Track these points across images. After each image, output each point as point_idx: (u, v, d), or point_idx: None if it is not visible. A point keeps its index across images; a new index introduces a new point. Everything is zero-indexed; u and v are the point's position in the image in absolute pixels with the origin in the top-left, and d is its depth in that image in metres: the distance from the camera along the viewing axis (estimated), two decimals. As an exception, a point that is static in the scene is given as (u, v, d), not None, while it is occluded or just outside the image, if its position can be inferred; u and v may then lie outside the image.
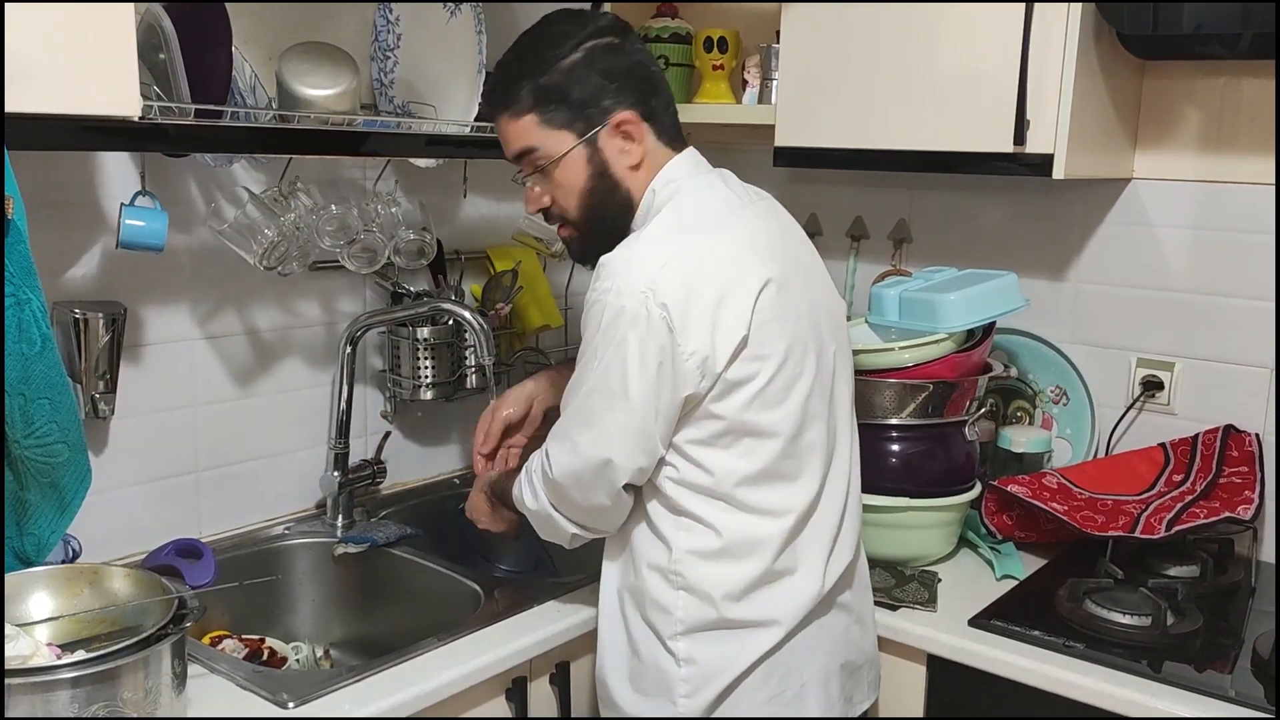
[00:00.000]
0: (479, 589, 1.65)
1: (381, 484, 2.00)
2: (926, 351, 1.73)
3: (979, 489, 1.81)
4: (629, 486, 1.35)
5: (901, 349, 1.73)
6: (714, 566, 1.34)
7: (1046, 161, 1.68)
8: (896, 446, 1.73)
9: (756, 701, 1.36)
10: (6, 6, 1.11)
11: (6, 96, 1.12)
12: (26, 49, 1.13)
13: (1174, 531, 1.68)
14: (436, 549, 1.82)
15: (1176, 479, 1.85)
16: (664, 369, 1.28)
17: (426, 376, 1.95)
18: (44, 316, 1.29)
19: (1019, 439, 1.97)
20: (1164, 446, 1.90)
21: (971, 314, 1.75)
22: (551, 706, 1.55)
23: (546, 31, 1.39)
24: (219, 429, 1.79)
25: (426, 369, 1.95)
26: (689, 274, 1.28)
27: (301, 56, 1.64)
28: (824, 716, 1.41)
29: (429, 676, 1.37)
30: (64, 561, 1.48)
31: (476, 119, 1.82)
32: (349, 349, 1.88)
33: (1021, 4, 1.64)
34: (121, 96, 1.22)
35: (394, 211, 1.84)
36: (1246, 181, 1.83)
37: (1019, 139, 1.68)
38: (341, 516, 1.89)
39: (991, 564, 1.77)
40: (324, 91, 1.62)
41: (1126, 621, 1.55)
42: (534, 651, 1.49)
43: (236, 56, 1.56)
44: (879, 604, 1.59)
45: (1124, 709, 1.41)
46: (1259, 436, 1.84)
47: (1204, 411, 1.89)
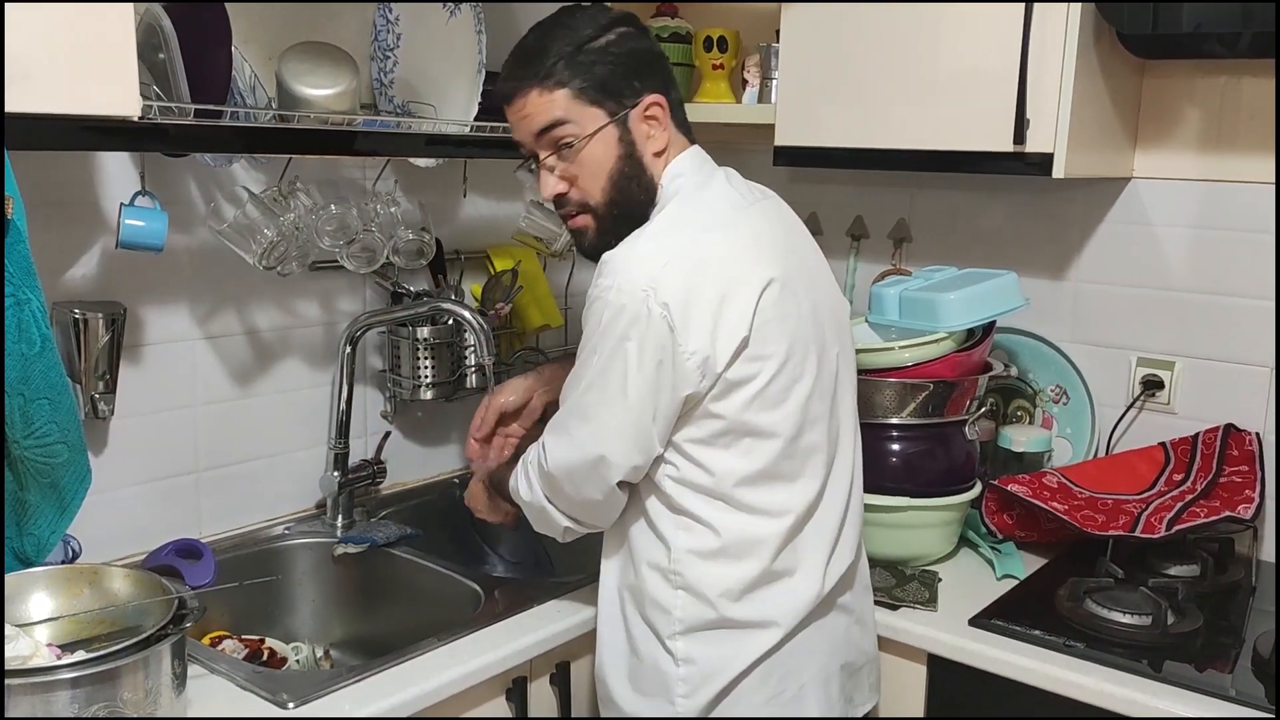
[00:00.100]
0: (479, 589, 1.65)
1: (381, 484, 2.00)
2: (926, 351, 1.73)
3: (979, 488, 1.81)
4: (623, 484, 1.35)
5: (901, 348, 1.73)
6: (713, 566, 1.34)
7: (1046, 161, 1.68)
8: (897, 446, 1.73)
9: (755, 702, 1.36)
10: (6, 6, 1.11)
11: (6, 96, 1.12)
12: (26, 49, 1.13)
13: (1174, 531, 1.68)
14: (436, 549, 1.82)
15: (1177, 478, 1.85)
16: (663, 368, 1.27)
17: (426, 376, 1.95)
18: (44, 316, 1.29)
19: (1019, 438, 1.97)
20: (1164, 446, 1.90)
21: (971, 313, 1.76)
22: (552, 706, 1.55)
23: (572, 16, 1.38)
24: (219, 429, 1.79)
25: (426, 369, 1.95)
26: (691, 273, 1.28)
27: (301, 56, 1.64)
28: (824, 717, 1.41)
29: (429, 677, 1.37)
30: (64, 562, 1.48)
31: (477, 117, 1.82)
32: (349, 349, 1.88)
33: (1021, 3, 1.64)
34: (121, 96, 1.22)
35: (393, 211, 1.84)
36: (1246, 180, 1.83)
37: (1019, 138, 1.68)
38: (341, 516, 1.89)
39: (992, 563, 1.77)
40: (324, 91, 1.62)
41: (1127, 621, 1.55)
42: (534, 651, 1.49)
43: (236, 56, 1.56)
44: (879, 604, 1.59)
45: (1124, 708, 1.41)
46: (1259, 435, 1.83)
47: (1204, 411, 1.89)
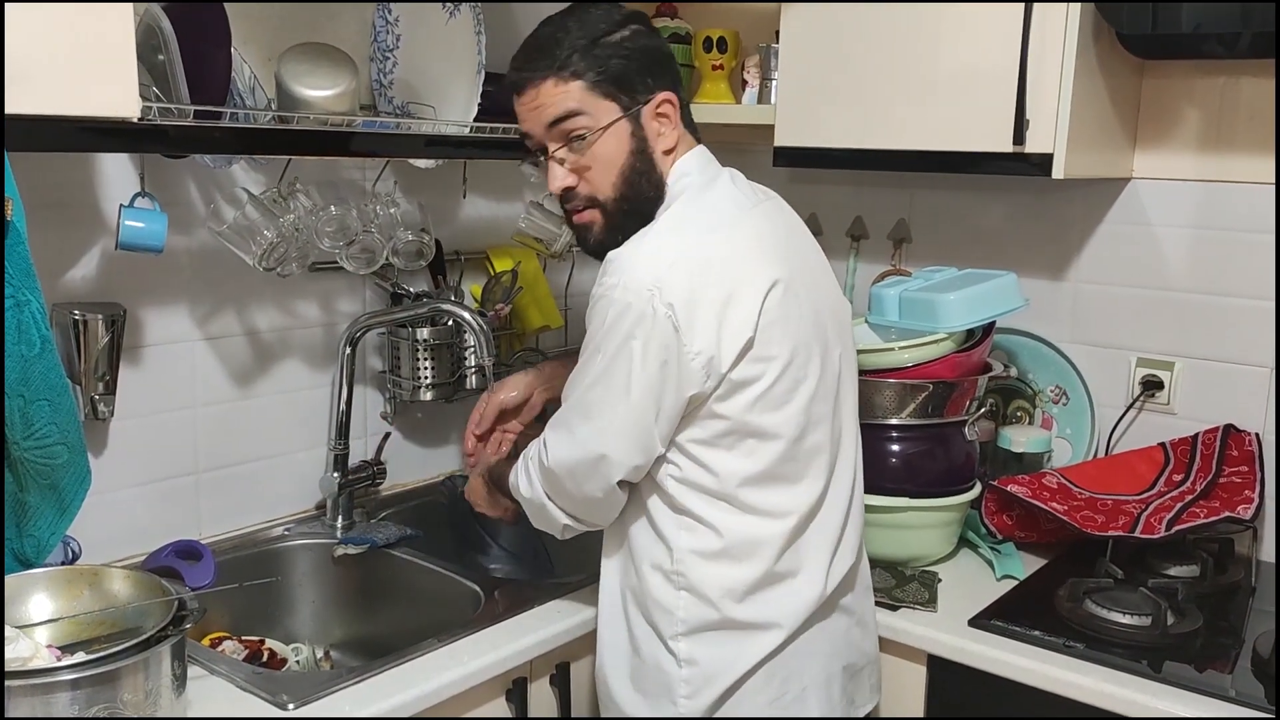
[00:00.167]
0: (479, 590, 1.65)
1: (381, 485, 2.00)
2: (926, 351, 1.73)
3: (979, 489, 1.81)
4: (624, 483, 1.35)
5: (901, 349, 1.73)
6: (715, 567, 1.34)
7: (1046, 161, 1.68)
8: (896, 446, 1.73)
9: (758, 703, 1.36)
10: (6, 7, 1.11)
11: (6, 97, 1.11)
12: (26, 50, 1.12)
13: (1174, 531, 1.68)
14: (436, 550, 1.82)
15: (1176, 479, 1.85)
16: (667, 368, 1.27)
17: (426, 377, 1.95)
18: (43, 318, 1.29)
19: (1019, 439, 1.97)
20: (1164, 446, 1.90)
21: (971, 314, 1.76)
22: (552, 707, 1.55)
23: (587, 12, 1.37)
24: (218, 430, 1.79)
25: (426, 370, 1.95)
26: (696, 273, 1.28)
27: (300, 57, 1.64)
28: (827, 718, 1.41)
29: (429, 677, 1.37)
30: (64, 563, 1.48)
31: (477, 118, 1.82)
32: (349, 350, 1.88)
33: (1021, 4, 1.64)
34: (121, 97, 1.22)
35: (393, 212, 1.84)
36: (1246, 181, 1.83)
37: (1018, 139, 1.68)
38: (341, 517, 1.88)
39: (991, 564, 1.77)
40: (323, 92, 1.62)
41: (1126, 621, 1.55)
42: (534, 652, 1.49)
43: (235, 57, 1.56)
44: (879, 604, 1.59)
45: (1124, 709, 1.41)
46: (1259, 436, 1.83)
47: (1204, 411, 1.89)
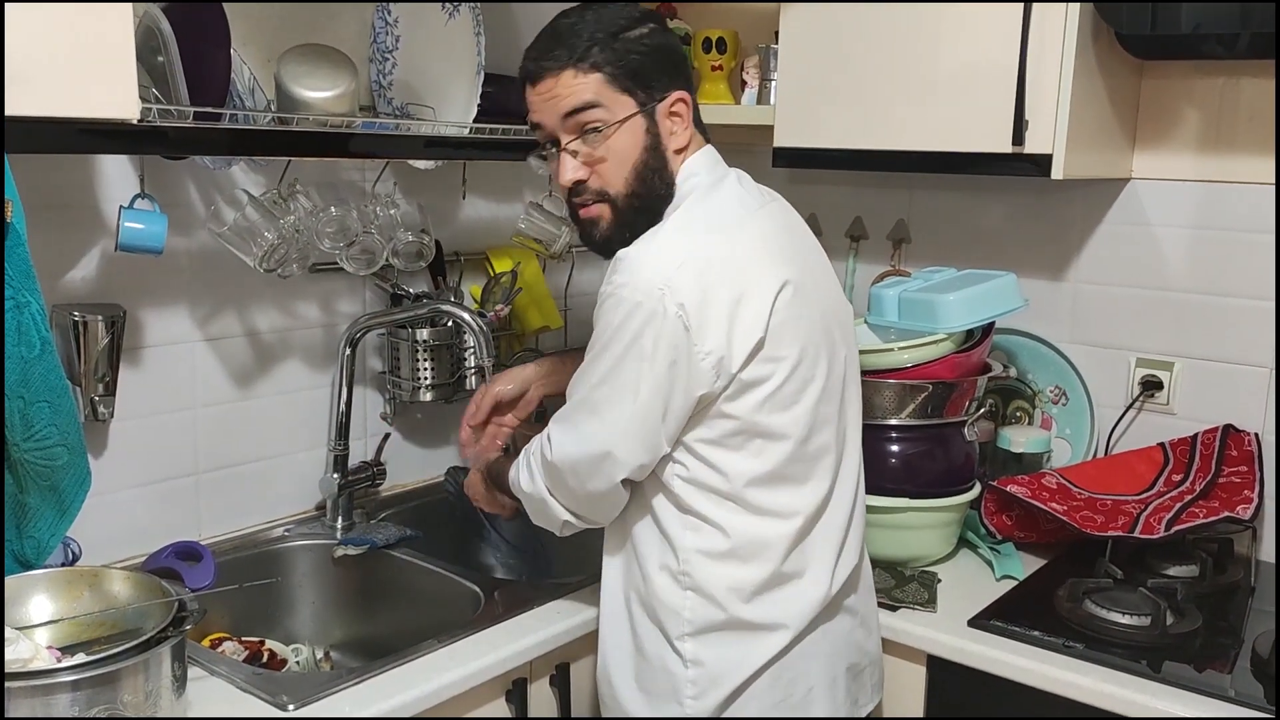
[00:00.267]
0: (479, 590, 1.65)
1: (381, 486, 2.00)
2: (926, 352, 1.73)
3: (978, 489, 1.81)
4: (627, 481, 1.35)
5: (901, 349, 1.73)
6: (722, 567, 1.34)
7: (1045, 161, 1.68)
8: (896, 447, 1.73)
9: (764, 705, 1.36)
10: (6, 8, 1.11)
11: (6, 99, 1.11)
12: (26, 51, 1.12)
13: (1173, 531, 1.69)
14: (436, 551, 1.82)
15: (1176, 479, 1.85)
16: (676, 367, 1.27)
17: (426, 378, 1.95)
18: (43, 319, 1.29)
19: (1018, 439, 1.97)
20: (1163, 446, 1.90)
21: (971, 314, 1.76)
22: (552, 708, 1.55)
23: (605, 8, 1.37)
24: (218, 431, 1.79)
25: (426, 370, 1.95)
26: (706, 273, 1.28)
27: (300, 58, 1.64)
28: (832, 718, 1.41)
29: (429, 678, 1.37)
30: (64, 564, 1.48)
31: (476, 119, 1.82)
32: (348, 351, 1.88)
33: (1020, 4, 1.64)
34: (120, 99, 1.22)
35: (393, 213, 1.84)
36: (1246, 181, 1.83)
37: (1018, 139, 1.68)
38: (341, 518, 1.89)
39: (991, 564, 1.77)
40: (323, 93, 1.62)
41: (1126, 621, 1.55)
42: (534, 653, 1.49)
43: (235, 59, 1.56)
44: (879, 605, 1.59)
45: (1124, 709, 1.41)
46: (1258, 436, 1.84)
47: (1203, 411, 1.89)
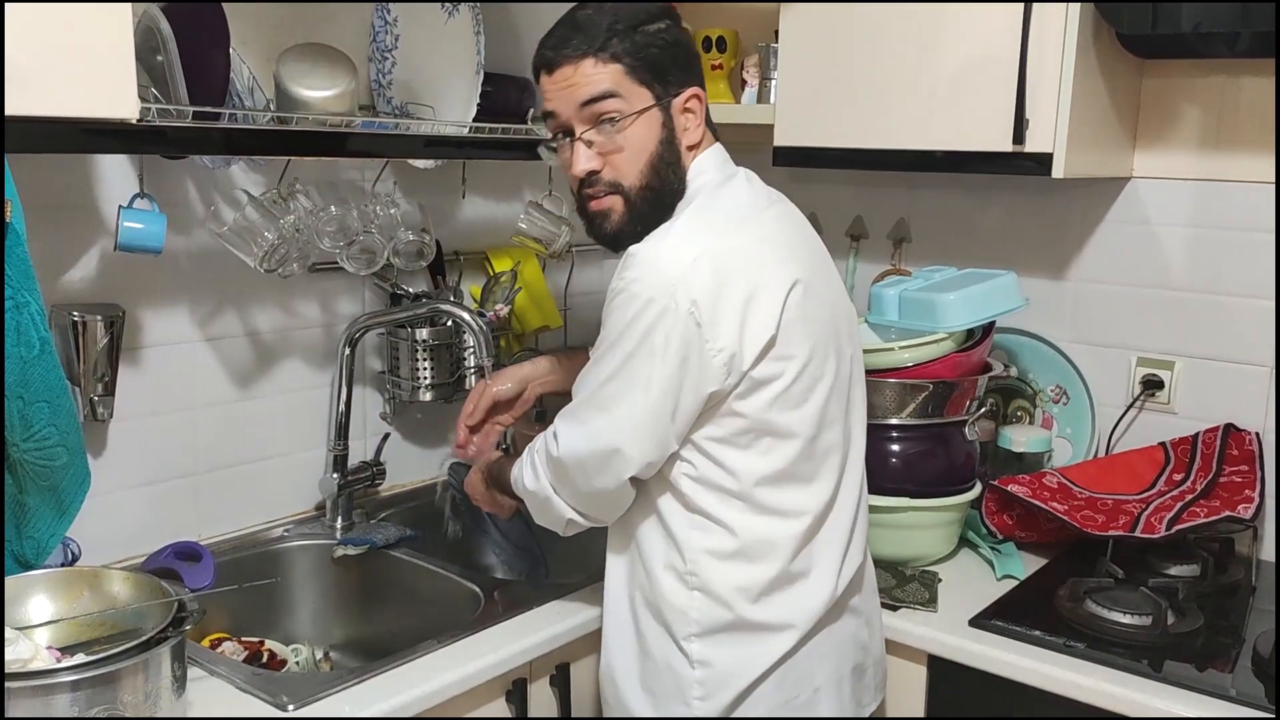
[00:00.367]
0: (479, 590, 1.64)
1: (381, 485, 2.00)
2: (926, 351, 1.73)
3: (979, 489, 1.81)
4: (634, 479, 1.34)
5: (901, 349, 1.73)
6: (730, 567, 1.34)
7: (1046, 160, 1.68)
8: (896, 446, 1.73)
9: (771, 705, 1.36)
10: (6, 8, 1.11)
11: (5, 99, 1.11)
12: (25, 51, 1.12)
13: (1174, 531, 1.68)
14: (436, 551, 1.82)
15: (1177, 478, 1.85)
16: (688, 364, 1.27)
17: (425, 378, 1.95)
18: (42, 319, 1.29)
19: (1019, 438, 1.97)
20: (1164, 445, 1.90)
21: (971, 313, 1.75)
22: (552, 708, 1.55)
23: (620, 4, 1.36)
24: (218, 431, 1.79)
25: (425, 370, 1.95)
26: (719, 270, 1.27)
27: (299, 58, 1.64)
28: (837, 718, 1.41)
29: (429, 678, 1.37)
30: (63, 565, 1.48)
31: (476, 118, 1.82)
32: (348, 350, 1.88)
33: (1020, 3, 1.64)
34: (119, 99, 1.21)
35: (393, 213, 1.84)
36: (1246, 180, 1.83)
37: (1018, 138, 1.68)
38: (341, 518, 1.88)
39: (992, 564, 1.77)
40: (322, 93, 1.62)
41: (1127, 621, 1.55)
42: (534, 653, 1.49)
43: (234, 58, 1.56)
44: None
45: (1125, 709, 1.41)
46: (1259, 435, 1.83)
47: (1204, 410, 1.89)
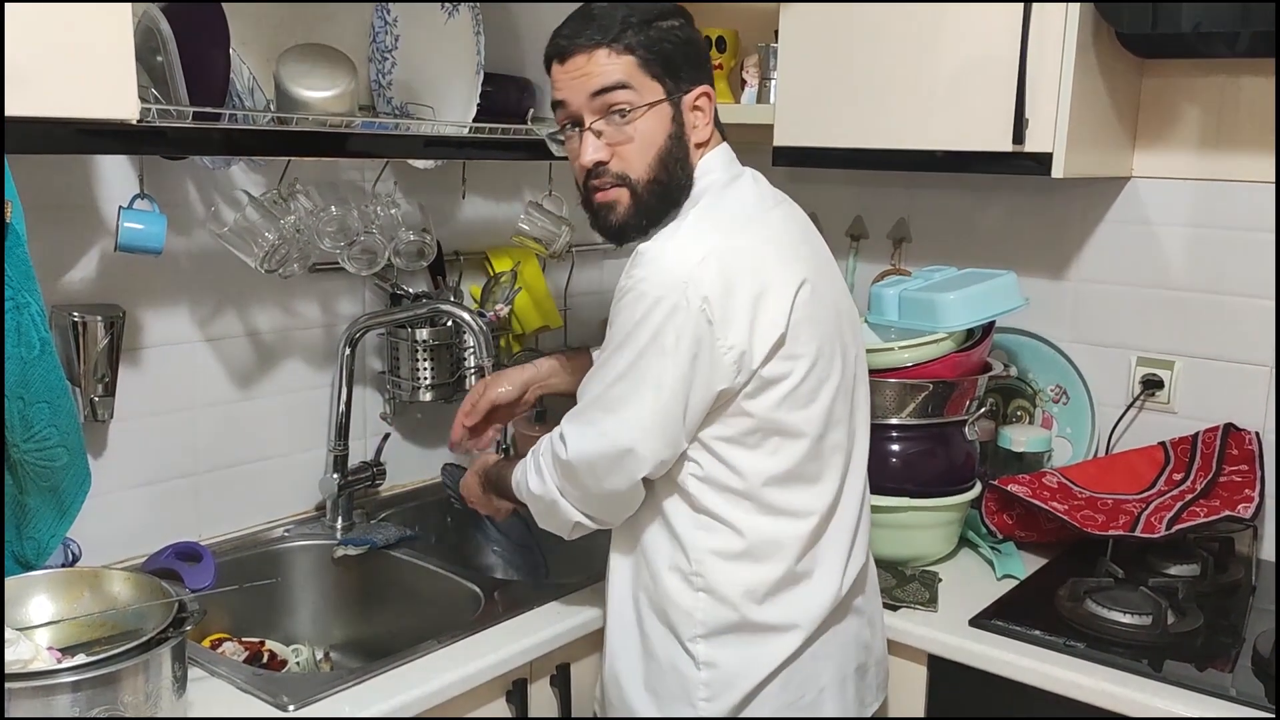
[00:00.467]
0: (479, 591, 1.64)
1: (381, 486, 2.00)
2: (926, 351, 1.73)
3: (979, 488, 1.81)
4: (644, 479, 1.33)
5: (901, 349, 1.73)
6: (736, 568, 1.33)
7: (1046, 160, 1.68)
8: (896, 446, 1.73)
9: (776, 706, 1.35)
10: (6, 8, 1.11)
11: (5, 99, 1.11)
12: (25, 52, 1.12)
13: (1174, 530, 1.68)
14: (436, 551, 1.82)
15: (1176, 478, 1.85)
16: (699, 362, 1.26)
17: (425, 378, 1.95)
18: (43, 320, 1.29)
19: (1019, 438, 1.97)
20: (1164, 445, 1.90)
21: (971, 313, 1.75)
22: (552, 708, 1.55)
23: (634, 1, 1.36)
24: (218, 431, 1.79)
25: (425, 370, 1.95)
26: (729, 268, 1.27)
27: (299, 58, 1.64)
28: (841, 718, 1.41)
29: (429, 679, 1.37)
30: (64, 565, 1.48)
31: (476, 118, 1.82)
32: (348, 351, 1.88)
33: (1020, 3, 1.64)
34: (119, 99, 1.21)
35: (393, 213, 1.84)
36: (1246, 180, 1.83)
37: (1018, 138, 1.68)
38: (341, 519, 1.88)
39: (992, 564, 1.77)
40: (322, 93, 1.62)
41: (1127, 621, 1.55)
42: (534, 653, 1.49)
43: (234, 58, 1.56)
44: (879, 604, 1.60)
45: (1125, 708, 1.41)
46: (1259, 435, 1.83)
47: (1204, 410, 1.89)
